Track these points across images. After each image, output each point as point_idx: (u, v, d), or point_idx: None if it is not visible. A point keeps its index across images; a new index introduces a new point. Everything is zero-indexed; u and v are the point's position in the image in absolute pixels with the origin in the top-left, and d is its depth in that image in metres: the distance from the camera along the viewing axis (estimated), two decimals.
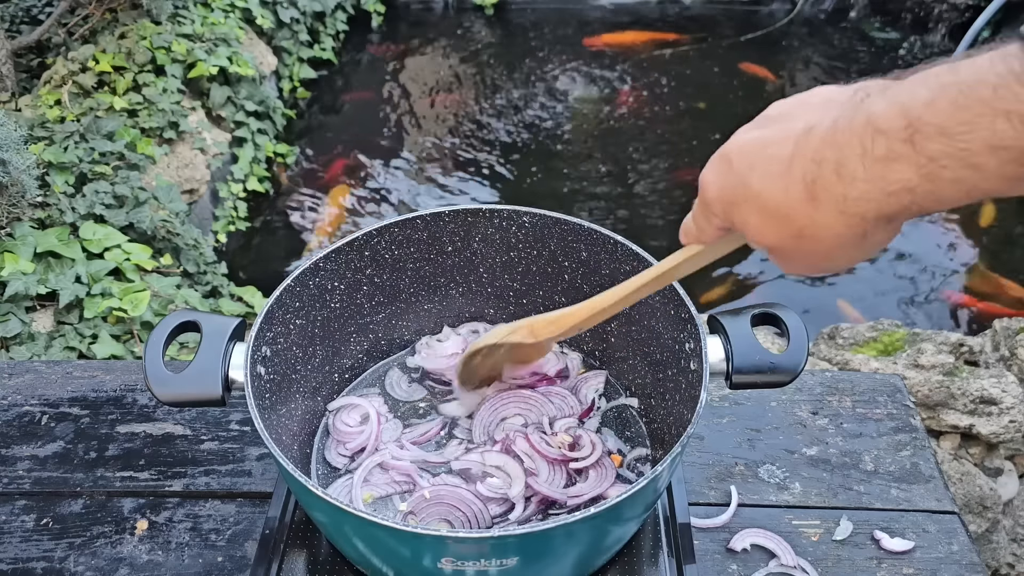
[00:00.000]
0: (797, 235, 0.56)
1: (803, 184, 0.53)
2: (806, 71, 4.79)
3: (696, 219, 0.67)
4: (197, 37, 3.55)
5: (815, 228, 0.54)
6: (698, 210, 0.66)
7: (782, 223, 0.56)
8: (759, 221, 0.58)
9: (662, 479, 0.79)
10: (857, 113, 0.50)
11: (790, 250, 0.58)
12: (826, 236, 0.54)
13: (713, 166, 0.62)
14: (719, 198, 0.61)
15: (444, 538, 0.72)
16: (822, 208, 0.53)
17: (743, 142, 0.59)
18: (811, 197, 0.53)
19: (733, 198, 0.59)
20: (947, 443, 2.03)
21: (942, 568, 0.98)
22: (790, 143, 0.54)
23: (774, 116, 0.59)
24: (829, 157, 0.51)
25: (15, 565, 0.98)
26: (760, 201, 0.57)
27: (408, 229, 1.04)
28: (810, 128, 0.53)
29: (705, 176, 0.62)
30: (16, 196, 2.31)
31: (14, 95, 3.11)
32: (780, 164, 0.55)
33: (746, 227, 0.60)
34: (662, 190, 3.85)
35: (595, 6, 5.44)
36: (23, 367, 1.25)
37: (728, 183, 0.59)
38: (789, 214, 0.55)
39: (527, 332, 0.89)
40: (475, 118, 4.36)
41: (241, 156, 3.58)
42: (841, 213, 0.52)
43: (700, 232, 0.68)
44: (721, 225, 0.64)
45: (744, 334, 0.88)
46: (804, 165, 0.53)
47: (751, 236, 0.60)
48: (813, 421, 1.17)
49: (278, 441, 0.87)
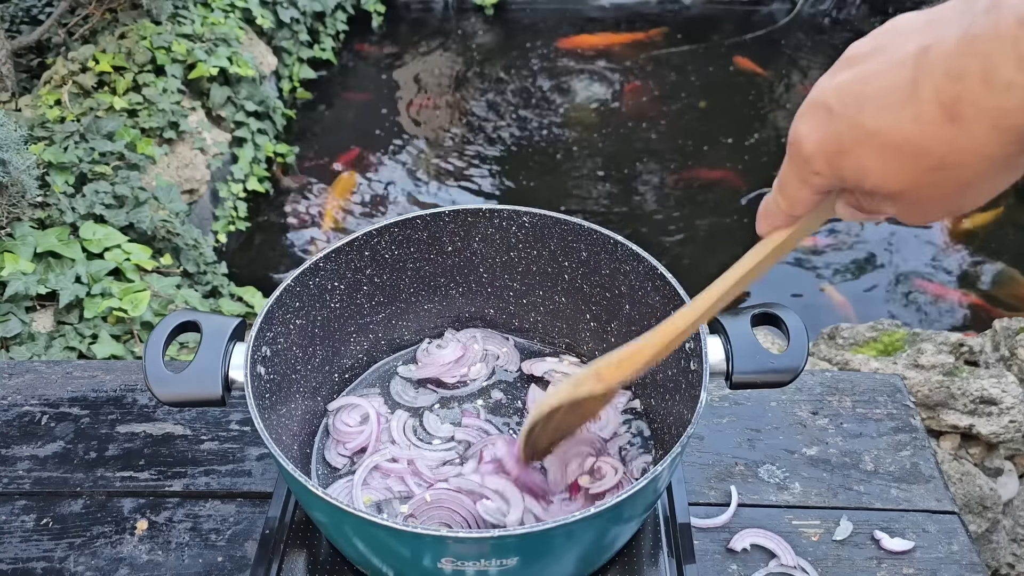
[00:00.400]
0: (936, 166, 0.49)
1: (939, 105, 0.46)
2: (806, 71, 4.79)
3: (787, 188, 0.58)
4: (197, 37, 3.55)
5: (960, 154, 0.47)
6: (790, 174, 0.57)
7: (915, 157, 0.49)
8: (881, 163, 0.50)
9: (662, 479, 0.79)
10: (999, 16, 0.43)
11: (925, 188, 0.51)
12: (973, 161, 0.47)
13: (806, 118, 0.54)
14: (821, 150, 0.53)
15: (444, 538, 0.72)
16: (969, 127, 0.46)
17: (839, 84, 0.52)
18: (952, 118, 0.46)
19: (841, 145, 0.52)
20: (947, 443, 2.03)
21: (942, 568, 0.98)
22: (907, 67, 0.48)
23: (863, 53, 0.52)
24: (972, 68, 0.44)
25: (15, 565, 0.98)
26: (881, 138, 0.49)
27: (408, 229, 1.04)
28: (927, 48, 0.47)
29: (798, 130, 0.54)
30: (16, 196, 2.31)
31: (14, 95, 3.11)
32: (900, 92, 0.48)
33: (864, 175, 0.52)
34: (663, 189, 3.86)
35: (595, 6, 5.44)
36: (23, 367, 1.25)
37: (832, 129, 0.52)
38: (923, 143, 0.48)
39: (595, 381, 0.77)
40: (475, 118, 4.36)
41: (241, 156, 3.58)
42: (996, 129, 0.45)
43: (792, 203, 0.59)
44: (823, 185, 0.56)
45: (744, 334, 0.88)
46: (936, 84, 0.46)
47: (872, 183, 0.52)
48: (813, 421, 1.17)
49: (278, 441, 0.87)
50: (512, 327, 1.17)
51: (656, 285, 0.95)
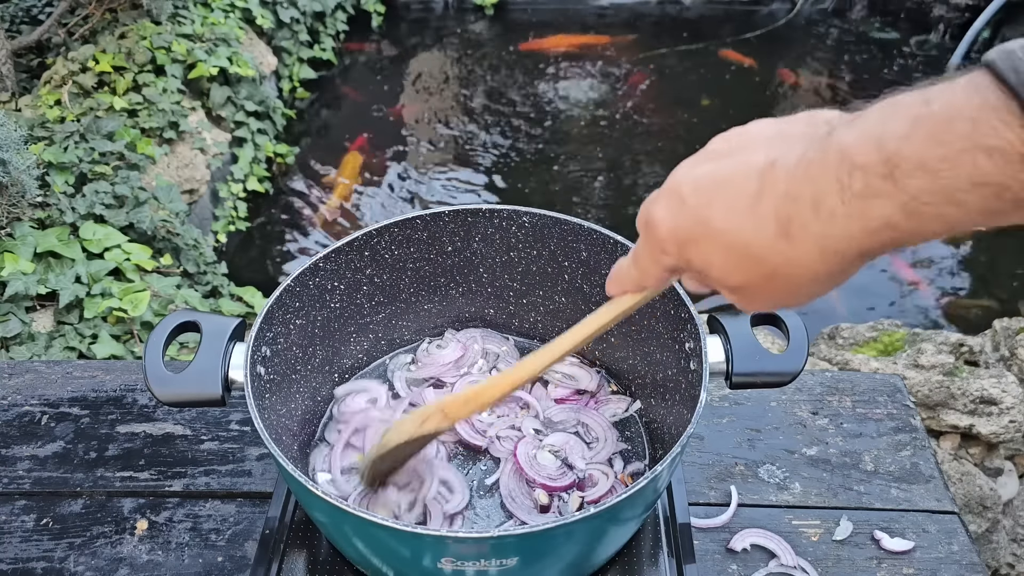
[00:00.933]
0: (769, 275, 0.53)
1: (776, 222, 0.50)
2: (806, 71, 4.79)
3: (639, 261, 0.63)
4: (197, 37, 3.55)
5: (790, 267, 0.51)
6: (644, 251, 0.61)
7: (752, 263, 0.53)
8: (723, 261, 0.54)
9: (662, 479, 0.79)
10: (828, 145, 0.47)
11: (756, 289, 0.55)
12: (801, 274, 0.52)
13: (661, 203, 0.57)
14: (672, 237, 0.56)
15: (444, 538, 0.72)
16: (799, 247, 0.50)
17: (695, 177, 0.55)
18: (786, 235, 0.50)
19: (689, 236, 0.55)
20: (947, 443, 2.03)
21: (942, 568, 0.98)
22: (753, 178, 0.51)
23: (722, 150, 0.56)
24: (805, 193, 0.48)
25: (15, 565, 0.98)
26: (725, 240, 0.53)
27: (408, 229, 1.04)
28: (773, 162, 0.51)
29: (653, 214, 0.57)
30: (16, 196, 2.31)
31: (14, 95, 3.11)
32: (745, 200, 0.51)
33: (708, 267, 0.56)
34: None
35: (595, 6, 5.44)
36: (23, 367, 1.25)
37: (683, 220, 0.55)
38: (761, 253, 0.52)
39: (440, 418, 0.81)
40: (475, 117, 4.36)
41: (241, 156, 3.58)
42: (821, 251, 0.49)
43: (642, 276, 0.64)
44: (672, 266, 0.59)
45: (744, 334, 0.88)
46: (776, 201, 0.50)
47: (714, 276, 0.56)
48: (813, 421, 1.17)
49: (278, 441, 0.87)
50: (512, 327, 1.17)
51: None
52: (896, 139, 0.44)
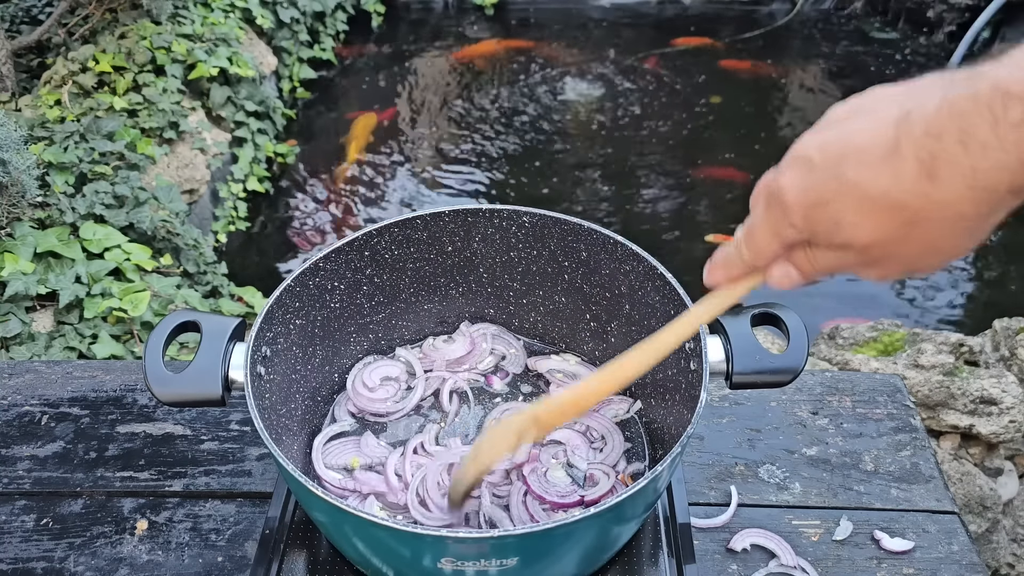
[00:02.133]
0: (909, 222, 0.51)
1: (918, 162, 0.49)
2: (806, 71, 4.79)
3: (755, 238, 0.60)
4: (197, 37, 3.55)
5: (933, 209, 0.50)
6: (762, 226, 0.59)
7: (891, 211, 0.51)
8: (858, 215, 0.52)
9: (662, 479, 0.79)
10: (977, 82, 0.46)
11: (893, 243, 0.53)
12: (946, 217, 0.50)
13: (789, 171, 0.55)
14: (803, 201, 0.54)
15: (444, 538, 0.72)
16: (944, 185, 0.48)
17: (822, 140, 0.54)
18: (930, 175, 0.48)
19: (821, 197, 0.53)
20: (947, 443, 2.03)
21: (942, 568, 0.98)
22: (888, 127, 0.50)
23: (846, 115, 0.55)
24: (950, 128, 0.47)
25: (15, 565, 0.98)
26: (860, 191, 0.51)
27: (408, 229, 1.04)
28: (908, 112, 0.50)
29: (778, 182, 0.56)
30: (16, 196, 2.31)
31: (14, 95, 3.11)
32: (881, 149, 0.50)
33: (839, 227, 0.54)
34: (663, 187, 3.85)
35: (595, 6, 5.44)
36: (23, 367, 1.25)
37: (813, 182, 0.54)
38: (901, 198, 0.50)
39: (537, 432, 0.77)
40: (475, 118, 4.36)
41: (241, 156, 3.58)
42: (970, 188, 0.48)
43: (757, 254, 0.61)
44: (793, 238, 0.57)
45: (744, 334, 0.88)
46: (916, 142, 0.49)
47: (846, 236, 0.54)
48: (813, 421, 1.17)
49: (278, 441, 0.87)
50: (512, 327, 1.17)
51: (656, 285, 0.95)
52: None
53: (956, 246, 0.53)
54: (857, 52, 4.90)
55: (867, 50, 4.91)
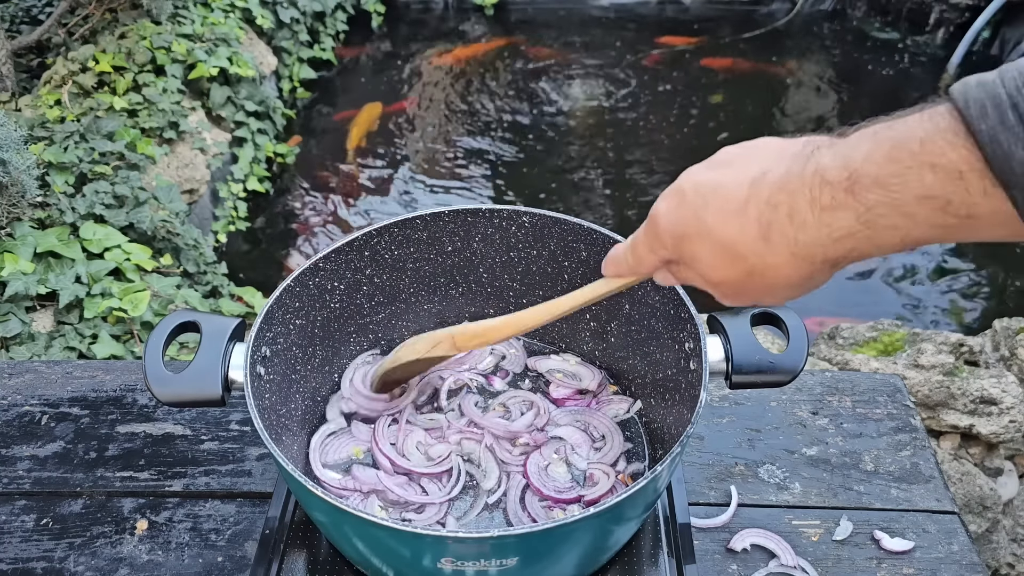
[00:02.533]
0: (747, 272, 0.59)
1: (758, 224, 0.56)
2: (806, 71, 4.79)
3: (637, 249, 0.69)
4: (197, 37, 3.55)
5: (765, 267, 0.58)
6: (643, 240, 0.68)
7: (734, 260, 0.59)
8: (711, 256, 0.61)
9: (662, 479, 0.79)
10: (808, 164, 0.54)
11: (737, 284, 0.61)
12: (775, 275, 0.58)
13: (667, 199, 0.64)
14: (671, 230, 0.63)
15: (444, 538, 0.72)
16: (774, 248, 0.56)
17: (697, 180, 0.61)
18: (765, 237, 0.56)
19: (685, 231, 0.62)
20: (947, 443, 2.03)
21: (942, 568, 0.98)
22: (745, 185, 0.57)
23: (725, 160, 0.61)
24: (783, 201, 0.55)
25: (15, 565, 0.98)
26: (714, 236, 0.59)
27: (408, 229, 1.04)
28: (764, 173, 0.57)
29: (658, 208, 0.65)
30: (16, 196, 2.31)
31: (14, 95, 3.11)
32: (735, 203, 0.57)
33: (695, 260, 0.62)
34: (663, 188, 3.85)
35: (595, 6, 5.44)
36: (23, 367, 1.25)
37: (681, 216, 0.62)
38: (743, 252, 0.58)
39: (450, 345, 0.91)
40: (475, 117, 4.36)
41: (241, 156, 3.58)
42: (792, 255, 0.56)
43: (637, 263, 0.70)
44: (666, 257, 0.66)
45: (744, 334, 0.88)
46: (759, 207, 0.56)
47: (699, 269, 0.63)
48: (813, 421, 1.17)
49: (278, 441, 0.87)
50: None
51: (656, 285, 0.95)
52: (860, 158, 0.51)
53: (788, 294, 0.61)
54: (857, 52, 4.90)
55: (867, 50, 4.91)
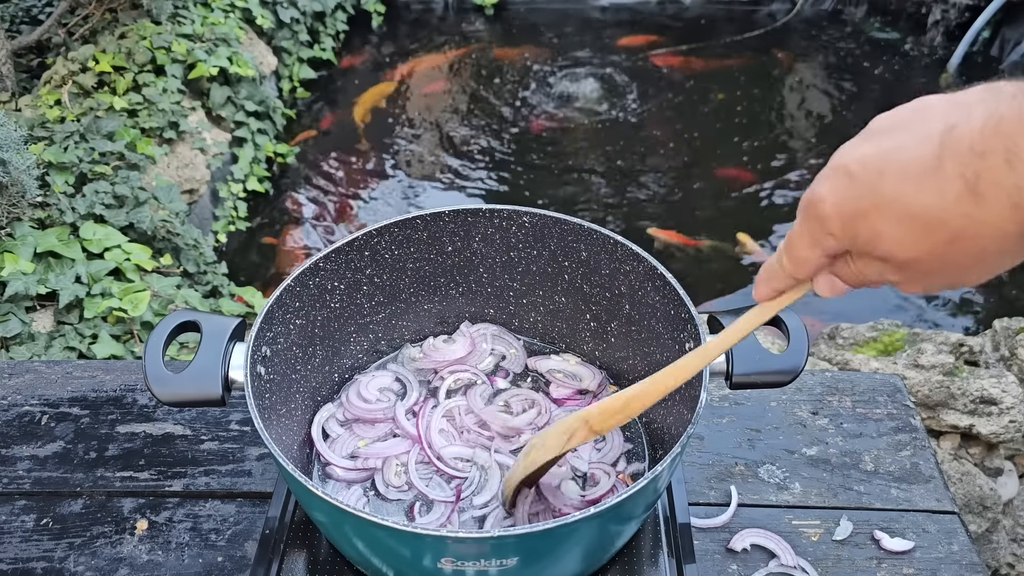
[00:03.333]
0: (950, 240, 0.50)
1: (962, 180, 0.48)
2: (806, 71, 4.79)
3: (795, 249, 0.60)
4: (197, 37, 3.55)
5: (977, 227, 0.49)
6: (802, 236, 0.59)
7: (931, 228, 0.50)
8: (898, 230, 0.52)
9: (662, 479, 0.79)
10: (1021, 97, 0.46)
11: (936, 259, 0.52)
12: (988, 236, 0.49)
13: (827, 181, 0.55)
14: (839, 211, 0.54)
15: (444, 538, 0.72)
16: (988, 204, 0.48)
17: (862, 154, 0.53)
18: (973, 193, 0.48)
19: (858, 209, 0.53)
20: (947, 443, 2.03)
21: (942, 568, 0.98)
22: (932, 143, 0.50)
23: (889, 127, 0.54)
24: (996, 147, 0.46)
25: (15, 565, 0.98)
26: (900, 206, 0.51)
27: (408, 229, 1.04)
28: (952, 126, 0.49)
29: (817, 192, 0.55)
30: (16, 196, 2.31)
31: (14, 95, 3.11)
32: (923, 164, 0.50)
33: (878, 240, 0.53)
34: (662, 187, 3.85)
35: (595, 6, 5.44)
36: (23, 367, 1.25)
37: (851, 194, 0.53)
38: (942, 216, 0.50)
39: (587, 433, 0.80)
40: (475, 117, 4.36)
41: (241, 156, 3.58)
42: (1015, 207, 0.47)
43: (798, 265, 0.61)
44: (834, 248, 0.57)
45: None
46: (961, 160, 0.48)
47: (883, 251, 0.54)
48: (813, 421, 1.17)
49: (278, 441, 0.87)
50: (512, 327, 1.17)
51: (656, 285, 0.95)
52: None
53: (998, 263, 0.52)
54: (857, 52, 4.90)
55: (867, 50, 4.91)
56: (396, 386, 1.10)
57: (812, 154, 3.99)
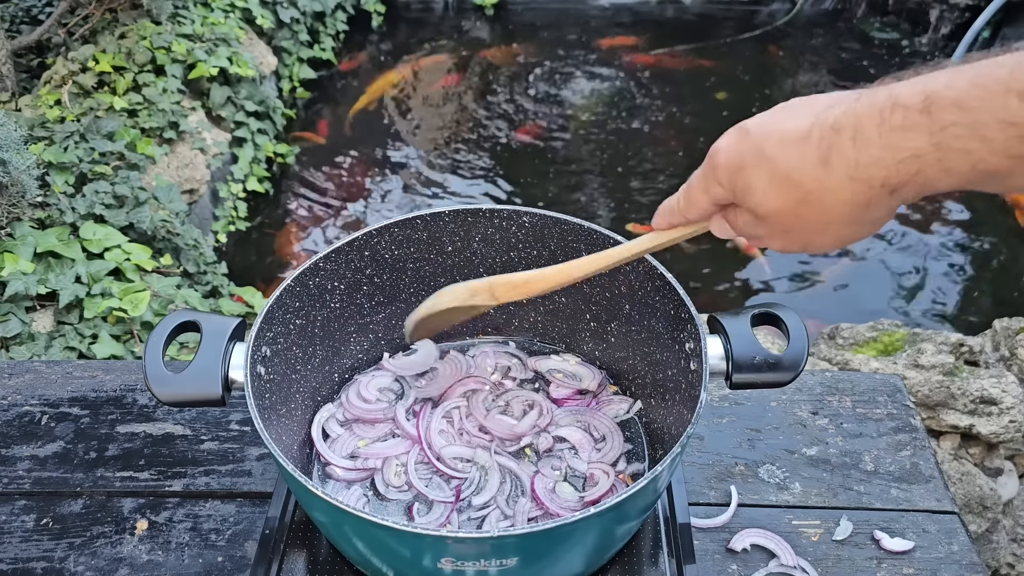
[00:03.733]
0: (802, 200, 0.59)
1: (818, 150, 0.57)
2: (806, 71, 4.79)
3: (691, 191, 0.70)
4: (197, 37, 3.55)
5: (822, 192, 0.58)
6: (697, 181, 0.68)
7: (790, 187, 0.60)
8: (766, 185, 0.61)
9: (662, 479, 0.79)
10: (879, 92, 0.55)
11: (791, 217, 0.61)
12: (831, 202, 0.58)
13: (728, 135, 0.65)
14: (728, 163, 0.64)
15: (444, 538, 0.72)
16: (833, 172, 0.57)
17: (761, 119, 0.63)
18: (823, 161, 0.57)
19: (742, 163, 0.62)
20: (947, 443, 2.03)
21: (942, 568, 0.98)
22: (811, 116, 0.59)
23: (791, 105, 0.63)
24: (847, 124, 0.55)
25: (15, 565, 0.98)
26: (771, 164, 0.60)
27: (408, 229, 1.04)
28: (831, 106, 0.58)
29: (718, 144, 0.65)
30: (16, 196, 2.31)
31: (14, 95, 3.11)
32: (798, 132, 0.59)
33: (750, 192, 0.63)
34: (663, 188, 3.86)
35: (595, 6, 5.44)
36: (23, 367, 1.25)
37: (741, 149, 0.63)
38: (799, 178, 0.59)
39: (488, 296, 0.88)
40: (475, 118, 4.36)
41: (241, 156, 3.58)
42: (851, 179, 0.56)
43: (688, 206, 0.71)
44: (720, 197, 0.67)
45: (744, 334, 0.88)
46: (822, 132, 0.57)
47: (752, 202, 0.63)
48: (813, 421, 1.17)
49: (278, 441, 0.87)
50: (512, 327, 1.17)
51: (656, 285, 0.95)
52: (940, 85, 0.51)
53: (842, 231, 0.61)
54: (857, 52, 4.90)
55: (867, 50, 4.91)
56: (396, 386, 1.10)
57: None
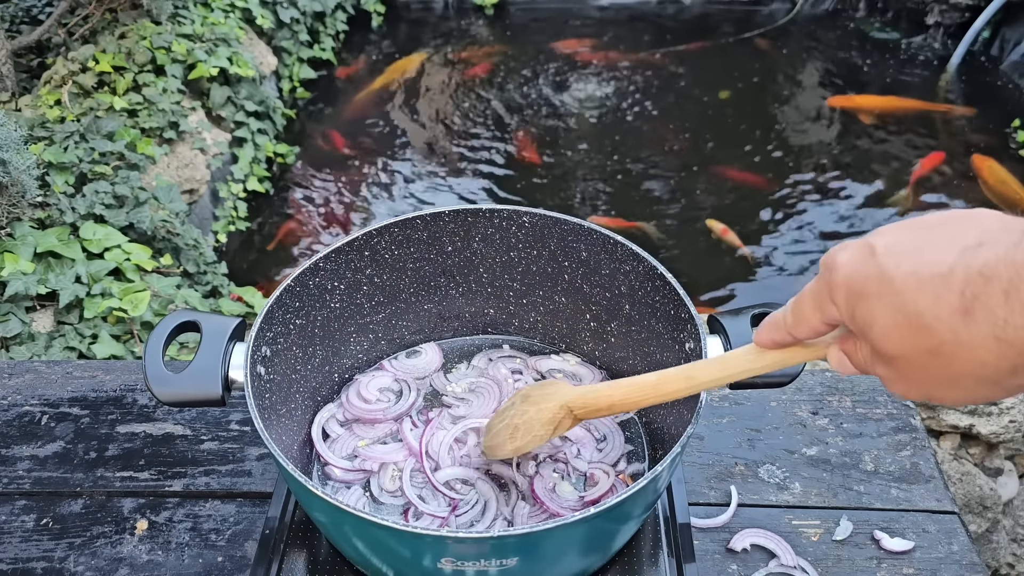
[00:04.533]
0: (933, 350, 0.50)
1: (960, 297, 0.48)
2: (806, 71, 4.79)
3: (801, 307, 0.61)
4: (197, 37, 3.55)
5: (957, 347, 0.49)
6: (810, 294, 0.59)
7: (919, 332, 0.50)
8: (891, 322, 0.52)
9: (662, 479, 0.79)
10: None
11: (914, 365, 0.53)
12: (967, 359, 0.49)
13: (849, 250, 0.55)
14: (848, 284, 0.54)
15: (444, 538, 0.72)
16: (974, 327, 0.48)
17: (894, 239, 0.53)
18: (965, 311, 0.48)
19: (865, 289, 0.53)
20: (947, 443, 2.03)
21: (942, 568, 0.99)
22: (954, 251, 0.49)
23: (931, 224, 0.53)
24: (1002, 275, 0.46)
25: (15, 565, 0.98)
26: (900, 300, 0.51)
27: (408, 229, 1.04)
28: (980, 244, 0.49)
29: (836, 257, 0.55)
30: (16, 196, 2.31)
31: (14, 95, 3.11)
32: (936, 269, 0.49)
33: (871, 325, 0.54)
34: (663, 188, 3.86)
35: (595, 6, 5.44)
36: (23, 367, 1.25)
37: (865, 271, 0.53)
38: (932, 324, 0.49)
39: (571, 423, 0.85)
40: (475, 118, 4.36)
41: (241, 156, 3.59)
42: (996, 339, 0.47)
43: (798, 323, 0.62)
44: (833, 318, 0.58)
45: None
46: (968, 276, 0.48)
47: (875, 337, 0.54)
48: (813, 421, 1.17)
49: (278, 441, 0.87)
50: (512, 327, 1.17)
51: (656, 285, 0.95)
52: None
53: (975, 391, 0.52)
54: (857, 52, 4.90)
55: (867, 50, 4.91)
56: (396, 387, 1.10)
57: (810, 153, 3.99)
